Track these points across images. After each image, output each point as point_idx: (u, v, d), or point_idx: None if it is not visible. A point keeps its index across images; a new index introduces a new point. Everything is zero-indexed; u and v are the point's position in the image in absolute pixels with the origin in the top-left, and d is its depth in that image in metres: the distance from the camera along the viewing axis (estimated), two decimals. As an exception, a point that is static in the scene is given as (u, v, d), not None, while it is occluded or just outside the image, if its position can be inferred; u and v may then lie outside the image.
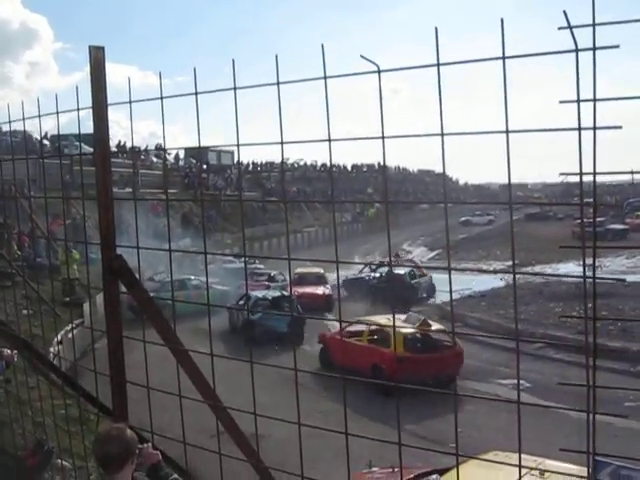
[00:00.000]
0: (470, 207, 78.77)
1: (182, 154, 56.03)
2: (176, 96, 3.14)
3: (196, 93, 3.06)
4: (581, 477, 2.82)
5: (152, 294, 4.30)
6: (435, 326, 19.04)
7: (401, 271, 30.83)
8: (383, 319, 17.24)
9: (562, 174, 2.22)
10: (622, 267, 36.29)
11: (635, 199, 61.70)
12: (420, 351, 17.62)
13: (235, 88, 2.89)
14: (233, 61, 2.85)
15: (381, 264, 32.02)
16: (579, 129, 2.12)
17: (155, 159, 50.84)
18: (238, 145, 2.98)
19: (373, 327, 18.25)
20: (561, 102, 2.18)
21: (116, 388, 3.89)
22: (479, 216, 76.35)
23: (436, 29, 2.32)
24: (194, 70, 3.03)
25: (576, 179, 2.23)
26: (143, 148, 48.92)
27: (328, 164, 74.96)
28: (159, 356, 3.96)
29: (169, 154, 52.39)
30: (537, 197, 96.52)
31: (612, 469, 6.42)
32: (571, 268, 32.85)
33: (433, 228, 61.18)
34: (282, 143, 2.82)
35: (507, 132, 2.23)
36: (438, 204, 79.87)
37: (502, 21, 2.22)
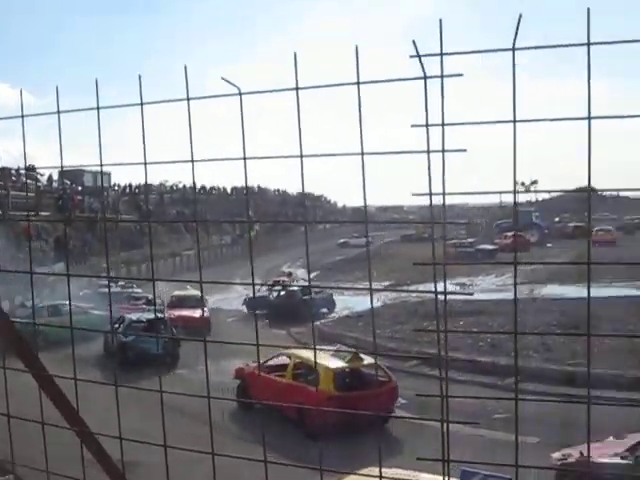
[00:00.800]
0: (349, 229, 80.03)
1: (56, 175, 54.25)
2: (37, 115, 3.06)
3: (58, 112, 3.01)
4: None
5: (25, 321, 4.16)
6: (367, 360, 16.72)
7: (295, 289, 31.81)
8: (309, 353, 16.36)
9: (414, 194, 2.33)
10: (492, 285, 37.97)
11: (503, 220, 64.79)
12: (351, 388, 15.81)
13: (98, 108, 2.87)
14: (96, 80, 2.82)
15: (276, 283, 33.25)
16: (428, 152, 2.24)
17: (29, 180, 48.94)
18: (101, 165, 2.95)
19: (298, 361, 16.73)
20: (412, 126, 2.30)
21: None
22: (357, 238, 77.82)
23: (295, 54, 2.39)
24: (56, 89, 2.97)
25: (448, 201, 2.36)
26: (14, 169, 47.01)
27: (207, 187, 74.68)
28: (20, 383, 3.81)
29: (42, 175, 50.48)
30: (412, 219, 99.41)
31: (479, 478, 6.71)
32: (442, 287, 33.95)
33: (311, 250, 61.76)
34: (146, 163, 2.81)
35: (362, 154, 2.33)
36: (319, 226, 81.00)
37: (357, 48, 2.32)
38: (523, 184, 62.32)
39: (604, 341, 18.51)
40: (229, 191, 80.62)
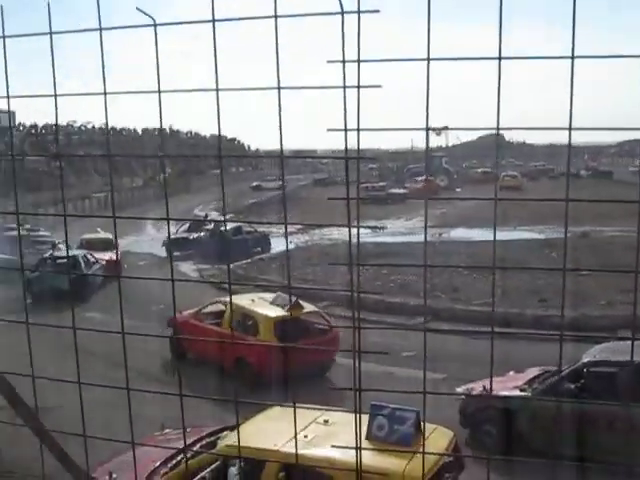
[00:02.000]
0: (263, 173, 79.71)
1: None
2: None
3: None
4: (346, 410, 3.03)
5: None
6: (308, 308, 16.06)
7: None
8: (246, 300, 15.85)
9: (329, 130, 2.36)
10: (401, 228, 38.70)
11: (414, 165, 65.83)
12: (292, 338, 14.08)
13: (4, 37, 2.75)
14: (1, 7, 2.70)
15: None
16: (344, 87, 2.27)
17: None
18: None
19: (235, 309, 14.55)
20: (328, 62, 2.32)
21: None
22: (270, 181, 77.65)
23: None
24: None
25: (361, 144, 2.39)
26: None
27: (117, 127, 72.67)
28: None
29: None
30: (325, 163, 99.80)
31: (388, 411, 6.98)
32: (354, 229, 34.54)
33: (224, 193, 61.34)
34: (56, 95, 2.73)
35: (279, 88, 2.33)
36: (232, 168, 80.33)
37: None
38: (434, 129, 63.36)
39: (506, 282, 19.29)
40: (140, 132, 78.75)
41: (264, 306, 15.75)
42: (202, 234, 32.85)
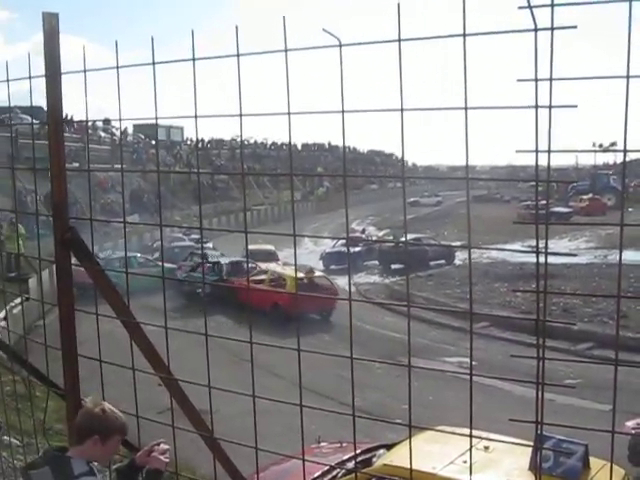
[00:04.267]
0: (418, 188, 79.21)
1: (131, 129, 55.28)
2: (133, 65, 3.09)
3: (154, 63, 3.02)
4: (528, 445, 2.91)
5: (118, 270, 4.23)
6: (318, 273, 26.24)
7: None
8: (280, 269, 25.88)
9: (518, 151, 2.26)
10: (565, 249, 37.16)
11: (579, 183, 63.07)
12: (308, 291, 21.97)
13: (194, 59, 2.87)
14: (192, 32, 2.82)
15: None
16: (536, 107, 2.16)
17: (103, 134, 49.97)
18: (195, 117, 2.96)
19: (271, 276, 24.96)
20: (519, 80, 2.23)
21: (67, 362, 3.83)
22: (427, 197, 77.06)
23: (398, 5, 2.33)
24: (151, 39, 2.98)
25: (522, 162, 2.28)
26: (91, 123, 48.02)
27: (278, 142, 74.85)
28: (104, 332, 3.91)
29: (117, 129, 51.47)
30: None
31: (554, 442, 6.64)
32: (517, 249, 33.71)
33: (381, 208, 61.63)
34: (240, 115, 2.81)
35: (466, 108, 2.26)
36: (390, 183, 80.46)
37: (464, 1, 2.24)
38: (601, 145, 60.32)
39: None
40: (299, 147, 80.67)
41: (291, 271, 24.05)
42: (358, 249, 33.34)
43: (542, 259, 2.36)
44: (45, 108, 3.45)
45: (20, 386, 5.62)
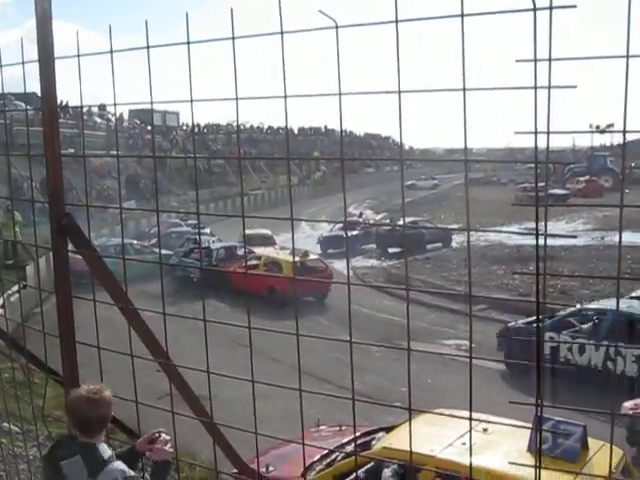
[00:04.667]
0: (415, 171, 79.00)
1: (127, 115, 55.00)
2: (127, 50, 3.06)
3: (148, 47, 2.99)
4: (526, 427, 2.92)
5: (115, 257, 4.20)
6: (312, 256, 25.74)
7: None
8: (273, 253, 25.78)
9: (517, 133, 2.24)
10: (562, 231, 37.18)
11: (576, 165, 62.97)
12: (303, 274, 22.12)
13: (188, 42, 2.84)
14: (187, 14, 2.79)
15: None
16: (535, 87, 2.14)
17: (99, 120, 49.74)
18: (191, 101, 2.93)
19: (266, 261, 24.72)
20: (517, 61, 2.20)
21: (66, 349, 3.82)
22: (424, 180, 76.90)
23: (395, -15, 2.30)
24: (145, 23, 2.95)
25: (519, 144, 2.26)
26: (86, 109, 47.75)
27: (274, 127, 74.57)
28: (102, 318, 3.91)
29: (112, 115, 51.21)
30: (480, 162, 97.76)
31: (552, 424, 6.66)
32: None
33: (378, 192, 61.57)
34: (237, 99, 2.78)
35: (464, 90, 2.24)
36: (386, 167, 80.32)
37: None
38: (598, 127, 60.18)
39: None
40: (296, 131, 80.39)
41: (285, 255, 24.64)
42: (356, 232, 33.32)
43: (542, 241, 2.34)
44: (39, 94, 3.42)
45: (19, 373, 5.61)
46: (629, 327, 13.48)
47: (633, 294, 16.04)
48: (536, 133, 2.18)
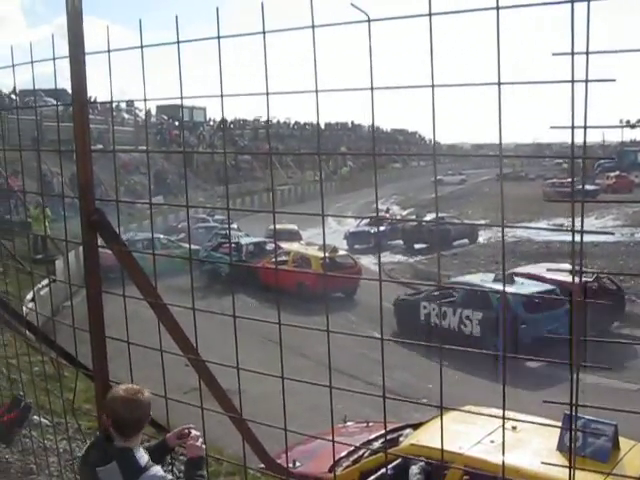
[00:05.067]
0: (442, 167, 78.61)
1: (154, 111, 55.35)
2: (158, 45, 3.05)
3: (178, 42, 2.97)
4: (558, 427, 2.87)
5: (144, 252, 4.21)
6: (341, 252, 25.90)
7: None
8: (302, 248, 25.62)
9: (553, 127, 2.19)
10: (592, 227, 36.76)
11: (606, 160, 62.23)
12: (332, 270, 22.10)
13: (219, 37, 2.82)
14: (217, 9, 2.77)
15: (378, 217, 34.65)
16: (572, 81, 2.09)
17: (127, 116, 50.09)
18: (222, 96, 2.91)
19: (295, 257, 24.65)
20: (554, 54, 2.15)
21: (96, 344, 3.83)
22: (451, 175, 76.52)
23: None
24: (176, 18, 2.94)
25: (547, 139, 2.22)
26: (115, 105, 48.13)
27: (301, 122, 74.61)
28: (130, 313, 3.91)
29: (140, 110, 51.53)
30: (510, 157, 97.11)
31: (583, 422, 6.55)
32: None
33: (405, 187, 61.35)
34: (267, 94, 2.76)
35: (499, 84, 2.20)
36: (413, 162, 79.98)
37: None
38: (628, 122, 59.39)
39: None
40: (323, 127, 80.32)
41: (314, 250, 24.57)
42: (383, 228, 33.28)
43: (577, 238, 2.29)
44: (69, 90, 3.43)
45: (49, 367, 5.67)
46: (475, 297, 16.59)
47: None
48: (573, 128, 2.14)
